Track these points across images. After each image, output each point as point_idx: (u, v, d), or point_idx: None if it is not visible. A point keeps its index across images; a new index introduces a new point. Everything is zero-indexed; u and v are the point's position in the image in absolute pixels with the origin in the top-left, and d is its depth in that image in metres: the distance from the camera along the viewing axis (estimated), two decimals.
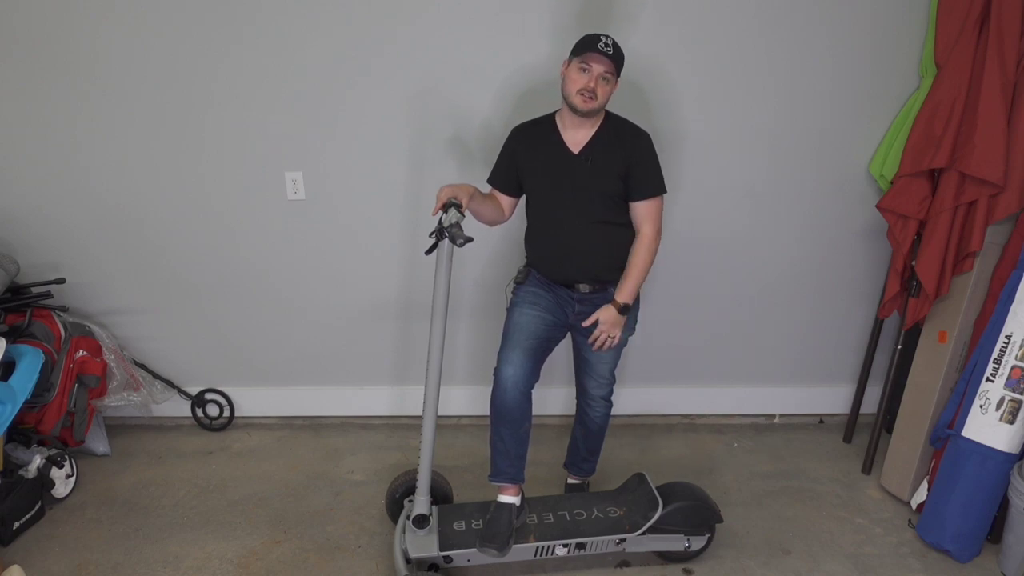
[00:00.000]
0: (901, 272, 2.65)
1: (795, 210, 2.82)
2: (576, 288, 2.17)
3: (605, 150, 2.06)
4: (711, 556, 2.34)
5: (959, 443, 2.33)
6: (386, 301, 2.93)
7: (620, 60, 1.98)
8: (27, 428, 2.61)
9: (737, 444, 3.05)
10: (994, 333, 2.29)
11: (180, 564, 2.30)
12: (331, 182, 2.73)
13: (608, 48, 1.93)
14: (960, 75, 2.39)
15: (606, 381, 2.31)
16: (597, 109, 2.00)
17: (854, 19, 2.55)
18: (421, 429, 2.11)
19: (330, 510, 2.57)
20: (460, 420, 3.16)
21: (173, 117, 2.63)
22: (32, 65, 2.55)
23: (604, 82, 1.97)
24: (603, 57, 1.93)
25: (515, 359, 2.09)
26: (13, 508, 2.37)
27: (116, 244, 2.83)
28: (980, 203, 2.37)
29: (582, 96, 1.97)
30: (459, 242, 1.89)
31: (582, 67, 1.96)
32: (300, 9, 2.49)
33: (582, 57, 1.95)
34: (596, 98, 1.97)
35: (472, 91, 2.61)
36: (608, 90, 1.99)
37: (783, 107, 2.66)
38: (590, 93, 1.96)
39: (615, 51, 1.95)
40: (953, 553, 2.35)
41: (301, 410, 3.15)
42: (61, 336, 2.63)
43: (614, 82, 2.00)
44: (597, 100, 1.97)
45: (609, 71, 1.96)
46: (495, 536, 2.12)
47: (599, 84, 1.96)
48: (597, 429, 2.40)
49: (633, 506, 2.26)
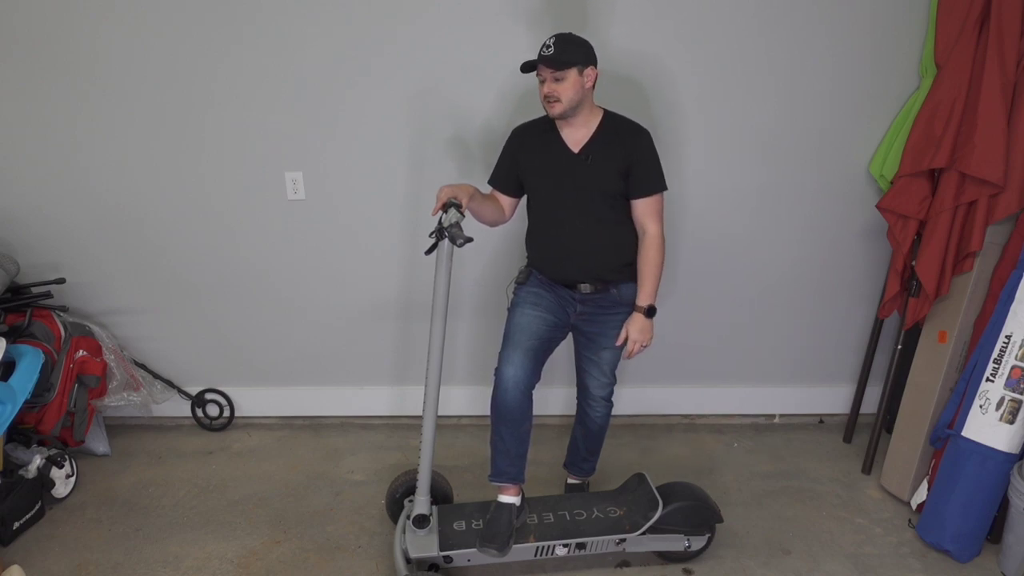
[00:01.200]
0: (901, 272, 2.65)
1: (795, 210, 2.83)
2: (577, 288, 2.17)
3: (605, 148, 2.06)
4: (711, 556, 2.34)
5: (959, 443, 2.33)
6: (386, 301, 2.94)
7: (564, 53, 1.95)
8: (27, 428, 2.62)
9: (737, 444, 3.05)
10: (994, 333, 2.29)
11: (180, 564, 2.31)
12: (331, 182, 2.73)
13: (549, 50, 1.95)
14: (960, 75, 2.39)
15: (607, 381, 2.30)
16: (567, 108, 2.00)
17: (854, 19, 2.55)
18: (421, 429, 2.11)
19: (330, 510, 2.58)
20: (460, 420, 3.16)
21: (173, 117, 2.63)
22: (32, 65, 2.55)
23: (559, 82, 1.98)
24: (546, 62, 1.96)
25: (516, 359, 2.09)
26: (13, 508, 2.37)
27: (116, 244, 2.83)
28: (980, 203, 2.37)
29: (549, 103, 2.01)
30: (459, 242, 1.89)
31: (539, 79, 2.02)
32: (300, 9, 2.49)
33: (536, 72, 2.01)
34: (561, 100, 1.98)
35: (472, 91, 2.61)
36: (569, 86, 1.98)
37: (783, 107, 2.66)
38: (552, 98, 1.99)
39: (555, 48, 1.95)
40: (953, 553, 2.35)
41: (301, 410, 3.15)
42: (61, 336, 2.64)
43: (575, 75, 1.98)
44: (562, 101, 1.99)
45: (557, 72, 1.96)
46: (495, 536, 2.12)
47: (555, 86, 1.98)
48: (598, 429, 2.40)
49: (633, 506, 2.26)
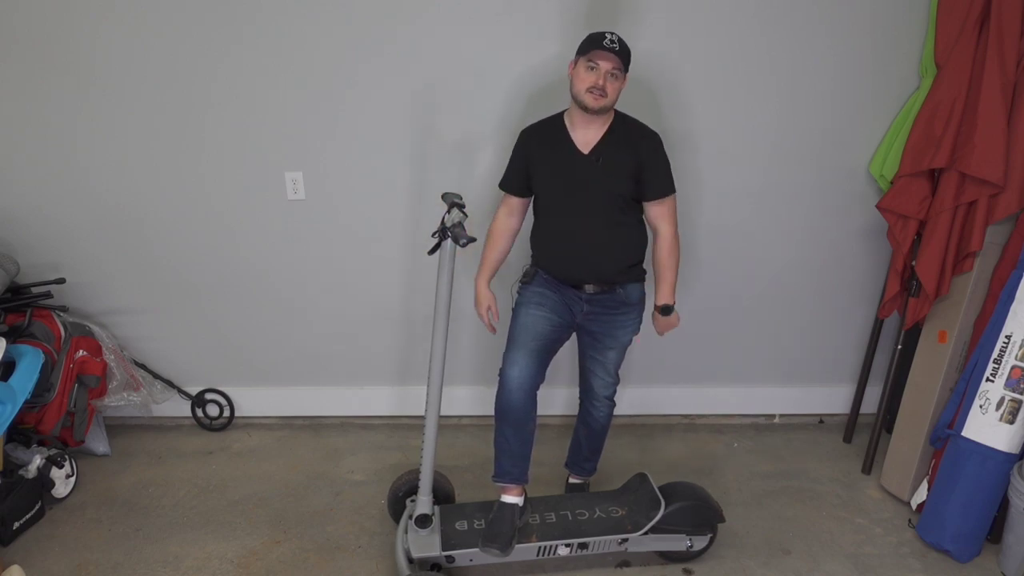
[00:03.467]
0: (901, 272, 2.66)
1: (795, 210, 2.83)
2: (584, 288, 2.16)
3: (615, 150, 2.05)
4: (711, 556, 2.34)
5: (959, 443, 2.33)
6: (386, 301, 2.93)
7: (627, 56, 1.98)
8: (27, 428, 2.61)
9: (737, 444, 3.05)
10: (994, 333, 2.29)
11: (180, 564, 2.30)
12: (331, 182, 2.73)
13: (614, 44, 1.94)
14: (960, 75, 2.39)
15: (611, 380, 2.30)
16: (608, 106, 2.00)
17: (854, 19, 2.55)
18: (421, 429, 2.11)
19: (330, 510, 2.57)
20: (460, 420, 3.16)
21: (173, 117, 2.63)
22: (32, 65, 2.55)
23: (612, 79, 1.97)
24: (610, 54, 1.93)
25: (520, 360, 2.09)
26: (13, 508, 2.37)
27: (116, 244, 2.83)
28: (980, 203, 2.37)
29: (592, 94, 1.96)
30: (462, 242, 1.90)
31: (590, 65, 1.96)
32: (300, 9, 2.49)
33: (589, 55, 1.96)
34: (606, 95, 1.96)
35: (472, 91, 2.61)
36: (617, 86, 1.99)
37: (783, 107, 2.67)
38: (600, 91, 1.95)
39: (621, 47, 1.95)
40: (953, 553, 2.35)
41: (301, 410, 3.14)
42: (61, 336, 2.63)
43: (622, 78, 2.00)
44: (607, 97, 1.97)
45: (616, 67, 1.96)
46: (497, 536, 2.12)
47: (608, 81, 1.96)
48: (600, 428, 2.40)
49: (635, 506, 2.26)
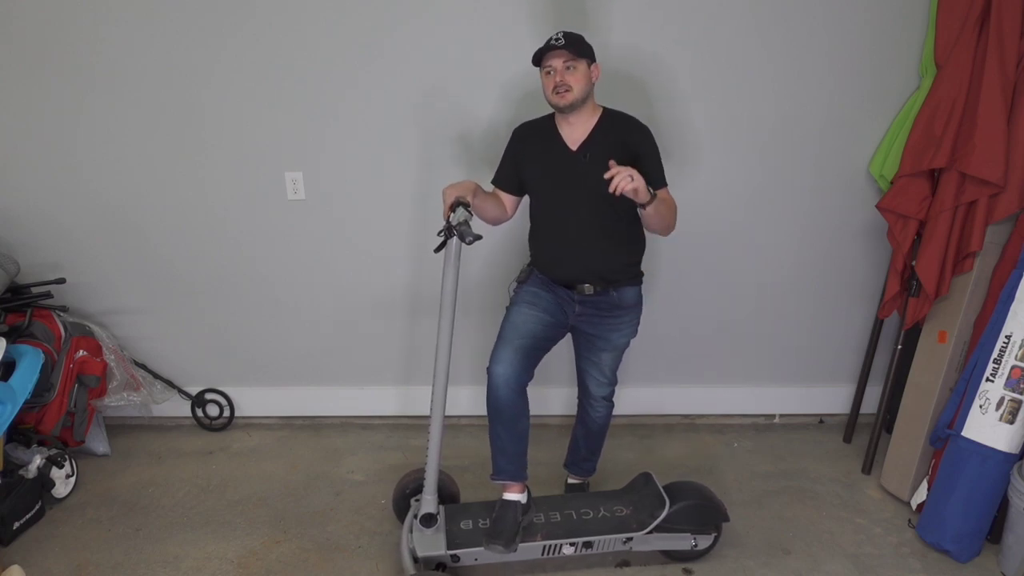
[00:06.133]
0: (901, 272, 2.66)
1: (795, 210, 2.83)
2: (577, 288, 2.16)
3: (603, 145, 2.05)
4: (711, 556, 2.34)
5: (959, 443, 2.33)
6: (385, 301, 2.93)
7: (576, 44, 1.97)
8: (27, 428, 2.61)
9: (737, 444, 3.05)
10: (994, 333, 2.29)
11: (180, 564, 2.30)
12: (331, 182, 2.73)
13: (559, 40, 1.95)
14: (960, 75, 2.39)
15: (608, 381, 2.31)
16: (578, 98, 2.00)
17: (854, 19, 2.55)
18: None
19: (330, 510, 2.57)
20: (460, 420, 3.16)
21: (173, 117, 2.63)
22: (32, 65, 2.55)
23: (571, 71, 1.97)
24: (557, 51, 1.95)
25: (506, 357, 2.09)
26: (13, 508, 2.37)
27: (116, 244, 2.83)
28: (980, 203, 2.37)
29: (557, 94, 1.99)
30: (468, 240, 1.90)
31: (546, 71, 2.01)
32: (300, 9, 2.49)
33: (542, 63, 2.00)
34: (571, 88, 1.98)
35: (472, 90, 2.61)
36: (579, 77, 1.98)
37: (783, 107, 2.67)
38: (563, 87, 1.98)
39: (567, 39, 1.96)
40: (953, 553, 2.35)
41: (301, 410, 3.14)
42: (61, 336, 2.63)
43: (585, 66, 1.99)
44: (572, 91, 1.98)
45: (568, 59, 1.96)
46: (501, 533, 2.11)
47: (566, 75, 1.97)
48: (598, 429, 2.40)
49: (640, 505, 2.26)
